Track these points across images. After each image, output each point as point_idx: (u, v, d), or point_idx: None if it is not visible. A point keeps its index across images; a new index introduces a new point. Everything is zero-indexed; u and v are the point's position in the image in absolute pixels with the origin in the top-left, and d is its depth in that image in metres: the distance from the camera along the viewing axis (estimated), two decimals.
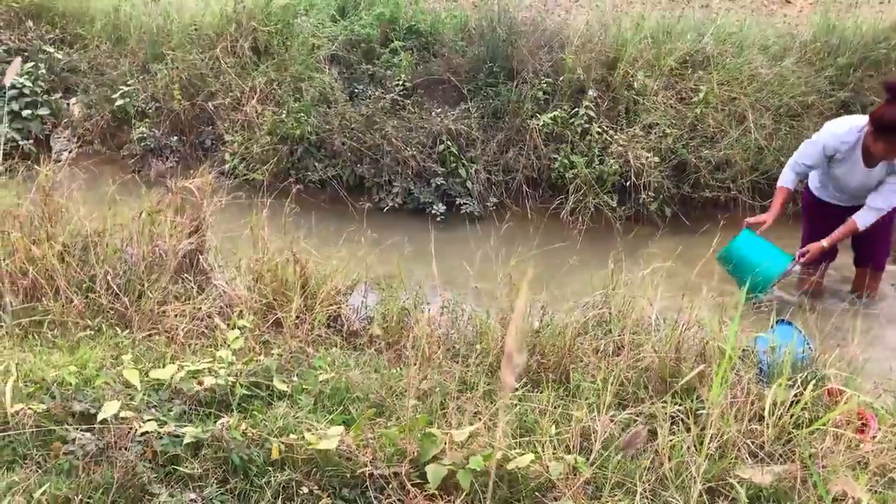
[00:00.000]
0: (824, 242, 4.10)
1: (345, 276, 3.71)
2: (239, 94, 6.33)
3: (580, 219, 5.40)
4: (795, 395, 2.76)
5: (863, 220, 4.04)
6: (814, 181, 4.35)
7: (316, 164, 5.92)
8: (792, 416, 2.59)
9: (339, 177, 5.85)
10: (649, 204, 5.47)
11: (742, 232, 4.25)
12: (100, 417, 2.31)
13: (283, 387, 2.64)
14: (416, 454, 2.23)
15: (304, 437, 2.24)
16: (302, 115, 5.95)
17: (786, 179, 4.27)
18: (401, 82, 6.12)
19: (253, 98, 6.27)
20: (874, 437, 2.75)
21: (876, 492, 2.46)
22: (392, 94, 6.04)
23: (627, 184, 5.48)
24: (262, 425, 2.42)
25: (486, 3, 6.43)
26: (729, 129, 5.59)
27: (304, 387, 2.73)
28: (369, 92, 6.10)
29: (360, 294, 3.75)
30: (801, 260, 4.17)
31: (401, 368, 3.12)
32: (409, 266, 4.71)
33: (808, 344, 3.28)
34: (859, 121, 3.99)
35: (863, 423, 2.83)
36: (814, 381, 2.80)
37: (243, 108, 6.26)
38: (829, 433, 2.60)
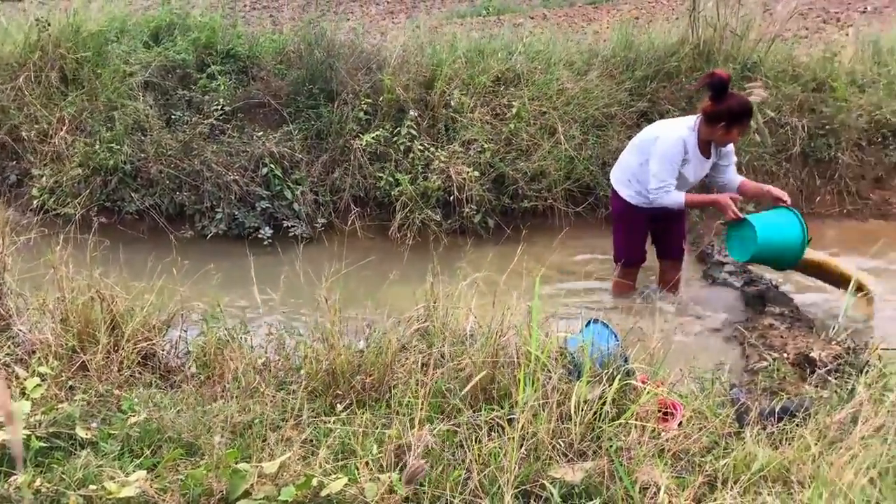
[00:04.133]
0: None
1: (158, 310, 3.56)
2: (46, 126, 5.95)
3: (408, 234, 5.49)
4: (604, 391, 2.92)
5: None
6: (630, 189, 4.50)
7: (132, 194, 5.66)
8: (595, 412, 2.73)
9: (158, 206, 5.63)
10: (473, 217, 5.65)
11: (748, 220, 4.29)
12: None
13: (85, 434, 2.49)
14: (224, 492, 2.18)
15: (103, 486, 2.12)
16: (115, 144, 5.67)
17: (679, 195, 4.36)
18: (220, 107, 5.98)
19: (62, 129, 5.92)
20: (680, 424, 2.96)
21: (678, 476, 2.64)
22: (211, 119, 5.90)
23: (451, 198, 5.63)
24: (59, 478, 2.27)
25: (305, 27, 6.42)
26: (542, 141, 5.88)
27: (110, 432, 2.59)
28: (187, 118, 5.93)
29: (177, 328, 3.62)
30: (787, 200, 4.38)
31: (223, 403, 3.04)
32: (233, 293, 4.60)
33: (617, 341, 3.48)
34: (685, 122, 4.34)
35: (666, 412, 3.04)
36: (619, 377, 2.98)
37: (51, 140, 5.89)
38: (633, 426, 2.77)
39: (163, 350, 3.48)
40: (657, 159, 4.30)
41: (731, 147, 4.48)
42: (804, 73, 6.52)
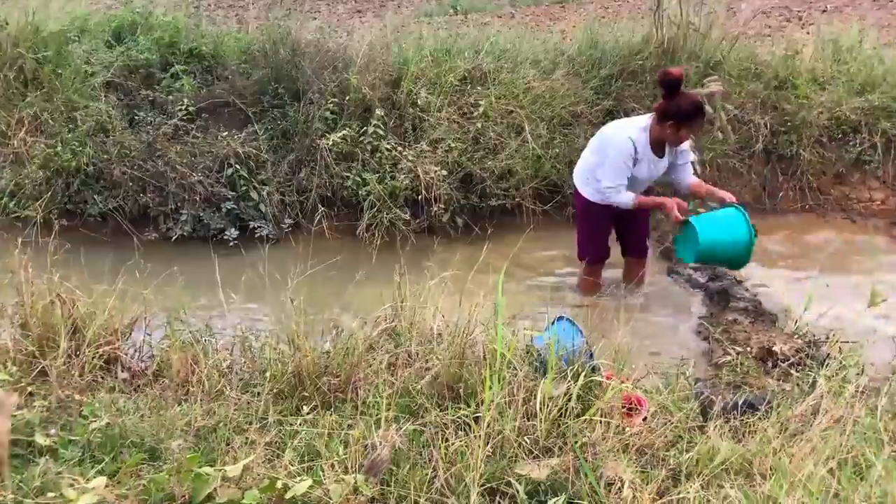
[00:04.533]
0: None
1: (122, 314, 3.52)
2: (5, 127, 5.83)
3: (376, 234, 5.47)
4: (570, 388, 2.94)
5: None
6: (589, 188, 4.55)
7: (95, 196, 5.56)
8: (560, 409, 2.75)
9: (122, 208, 5.55)
10: (441, 216, 5.64)
11: (689, 225, 4.39)
12: None
13: (44, 441, 2.45)
14: (187, 497, 2.15)
15: (62, 494, 2.09)
16: (77, 145, 5.58)
17: (630, 195, 4.42)
18: (184, 107, 5.91)
19: (21, 130, 5.81)
20: (645, 419, 2.98)
21: (643, 471, 2.66)
22: (175, 120, 5.82)
23: (419, 198, 5.62)
24: (17, 487, 2.23)
25: (270, 26, 6.37)
26: (509, 140, 5.89)
27: (70, 438, 2.55)
28: (150, 118, 5.84)
29: (142, 331, 3.58)
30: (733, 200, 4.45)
31: (187, 406, 3.01)
32: (198, 296, 4.55)
33: (582, 337, 3.50)
34: (637, 121, 4.38)
35: (631, 407, 3.06)
36: (584, 373, 3.00)
37: (11, 142, 5.78)
38: (598, 421, 2.79)
39: (126, 354, 3.44)
40: (609, 159, 4.37)
41: (686, 146, 4.51)
42: (766, 72, 6.61)
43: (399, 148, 5.75)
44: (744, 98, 6.36)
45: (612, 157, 4.34)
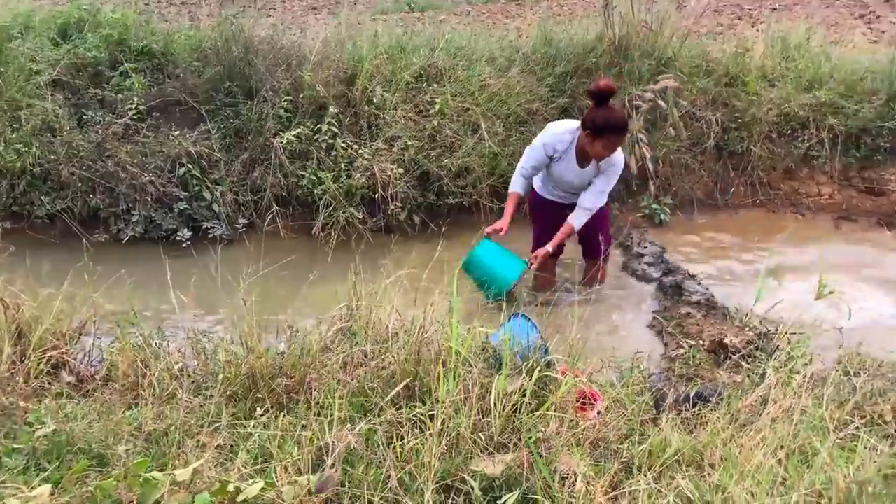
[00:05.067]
0: (549, 247, 4.46)
1: (70, 317, 3.44)
2: None
3: (332, 234, 5.43)
4: (524, 384, 2.95)
5: (577, 220, 4.45)
6: (538, 182, 4.70)
7: (42, 197, 5.43)
8: (514, 405, 2.75)
9: (70, 209, 5.42)
10: (398, 214, 5.62)
11: (482, 241, 4.50)
12: None
13: None
14: (135, 502, 2.11)
15: (4, 503, 2.03)
16: (22, 145, 5.44)
17: (515, 185, 4.58)
18: (134, 106, 5.80)
19: None
20: (600, 413, 3.01)
21: (596, 464, 2.68)
22: (125, 119, 5.71)
23: (376, 196, 5.59)
24: None
25: (222, 23, 6.28)
26: (465, 137, 5.89)
27: (14, 447, 2.48)
28: (99, 118, 5.72)
29: (92, 335, 3.50)
30: (532, 265, 4.50)
31: (137, 410, 2.95)
32: (150, 298, 4.48)
33: (539, 334, 3.52)
34: (574, 123, 4.38)
35: (584, 401, 3.09)
36: (538, 369, 3.01)
37: None
38: (552, 416, 2.81)
39: (75, 359, 3.36)
40: (531, 145, 4.50)
41: (607, 176, 4.40)
42: (718, 69, 6.71)
43: (355, 146, 5.71)
44: (695, 95, 6.45)
45: (532, 144, 4.48)
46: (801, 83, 6.64)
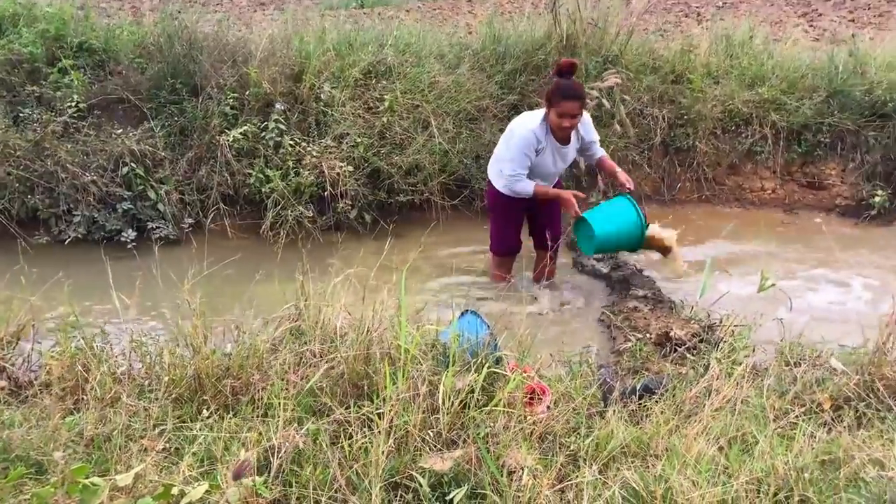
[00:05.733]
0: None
1: (6, 322, 3.34)
2: None
3: (281, 233, 5.37)
4: (473, 380, 2.96)
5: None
6: (500, 181, 4.60)
7: None
8: (463, 401, 2.76)
9: (7, 210, 5.25)
10: (348, 212, 5.59)
11: (585, 218, 4.55)
12: None
13: None
14: None
15: None
16: None
17: (529, 184, 4.51)
18: (74, 103, 5.65)
19: None
20: (549, 407, 3.03)
21: (544, 457, 2.70)
22: (65, 117, 5.57)
23: (325, 194, 5.54)
24: None
25: (165, 18, 6.15)
26: (415, 135, 5.88)
27: None
28: (37, 116, 5.55)
29: (31, 340, 3.40)
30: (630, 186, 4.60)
31: (79, 416, 2.88)
32: (93, 300, 4.38)
33: (488, 330, 3.53)
34: (539, 113, 4.43)
35: (533, 396, 3.11)
36: (487, 365, 3.02)
37: None
38: (500, 411, 2.82)
39: (12, 365, 3.27)
40: (511, 150, 4.47)
41: (587, 125, 4.61)
42: (664, 66, 6.82)
43: (303, 144, 5.65)
44: (642, 92, 6.54)
45: (515, 147, 4.44)
46: (745, 80, 6.79)
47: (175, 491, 2.19)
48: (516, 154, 4.44)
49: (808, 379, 3.11)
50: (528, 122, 4.44)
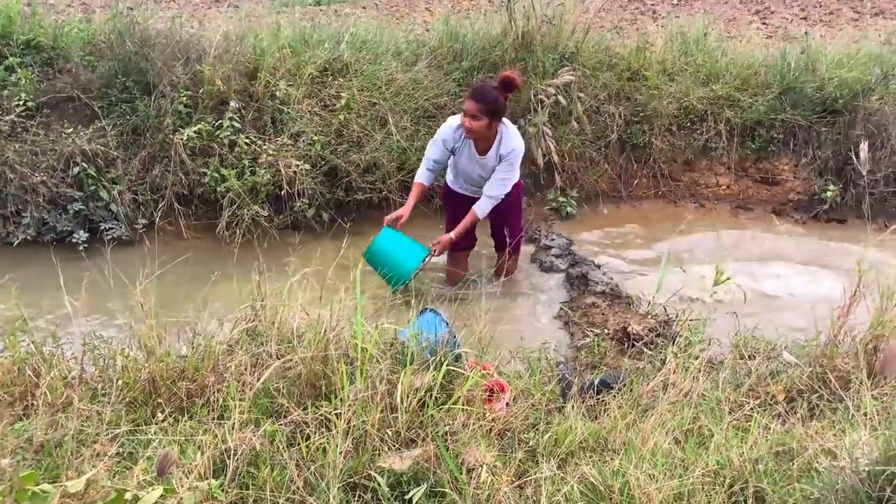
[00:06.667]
0: (452, 234, 4.48)
1: None
2: None
3: (237, 232, 5.29)
4: (432, 378, 2.94)
5: (481, 209, 4.48)
6: (450, 175, 4.76)
7: None
8: (422, 400, 2.75)
9: None
10: (306, 211, 5.53)
11: (383, 229, 4.47)
12: None
13: None
14: None
15: None
16: None
17: (420, 176, 4.61)
18: (21, 102, 5.49)
19: None
20: (508, 404, 3.03)
21: (503, 454, 2.70)
22: (12, 116, 5.40)
23: (282, 193, 5.48)
24: None
25: (115, 16, 6.02)
26: (373, 132, 5.84)
27: None
28: None
29: None
30: (435, 251, 4.51)
31: (28, 421, 2.80)
32: (43, 304, 4.27)
33: (448, 329, 3.52)
34: None
35: (492, 393, 3.11)
36: (446, 363, 3.01)
37: None
38: (459, 409, 2.81)
39: None
40: (433, 139, 4.61)
41: (509, 163, 4.42)
42: (620, 63, 6.88)
43: (258, 142, 5.57)
44: (598, 89, 6.59)
45: (435, 136, 4.58)
46: (700, 77, 6.87)
47: (129, 496, 2.15)
48: (431, 143, 4.61)
49: (762, 371, 3.17)
50: (453, 120, 4.51)
